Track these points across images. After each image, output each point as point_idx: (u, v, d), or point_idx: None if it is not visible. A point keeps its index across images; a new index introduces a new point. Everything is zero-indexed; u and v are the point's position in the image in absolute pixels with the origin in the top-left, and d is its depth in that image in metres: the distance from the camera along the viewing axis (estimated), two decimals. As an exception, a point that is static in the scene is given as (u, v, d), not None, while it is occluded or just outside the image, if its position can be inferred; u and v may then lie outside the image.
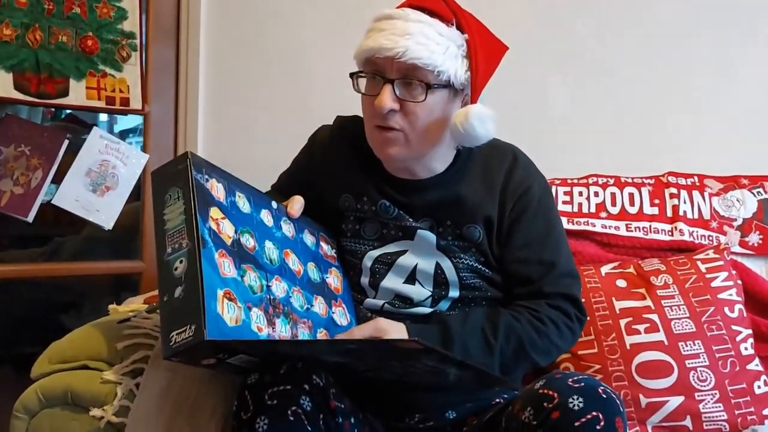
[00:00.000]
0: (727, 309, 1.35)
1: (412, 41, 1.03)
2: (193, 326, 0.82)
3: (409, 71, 1.05)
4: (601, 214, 1.57)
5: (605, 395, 0.90)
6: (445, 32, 1.06)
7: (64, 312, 2.15)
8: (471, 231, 1.14)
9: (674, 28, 1.74)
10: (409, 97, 1.06)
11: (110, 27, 1.65)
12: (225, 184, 1.03)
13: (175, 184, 0.96)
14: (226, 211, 0.99)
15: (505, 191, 1.15)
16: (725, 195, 1.58)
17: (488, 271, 1.16)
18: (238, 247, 0.97)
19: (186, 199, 0.94)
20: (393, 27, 1.05)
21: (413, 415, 1.13)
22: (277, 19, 1.90)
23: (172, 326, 0.85)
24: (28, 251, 2.07)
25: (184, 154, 1.00)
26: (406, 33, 1.04)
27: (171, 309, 0.87)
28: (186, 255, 0.89)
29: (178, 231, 0.92)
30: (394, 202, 1.16)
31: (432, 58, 1.03)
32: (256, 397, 0.93)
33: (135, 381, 1.12)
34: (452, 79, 1.06)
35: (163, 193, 0.97)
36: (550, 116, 1.79)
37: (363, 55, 1.08)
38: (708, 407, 1.26)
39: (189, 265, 0.88)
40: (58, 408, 1.15)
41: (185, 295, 0.86)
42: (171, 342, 0.84)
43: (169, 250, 0.91)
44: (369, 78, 1.10)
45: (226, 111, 1.93)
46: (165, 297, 0.88)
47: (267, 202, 1.11)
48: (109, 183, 1.66)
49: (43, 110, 1.99)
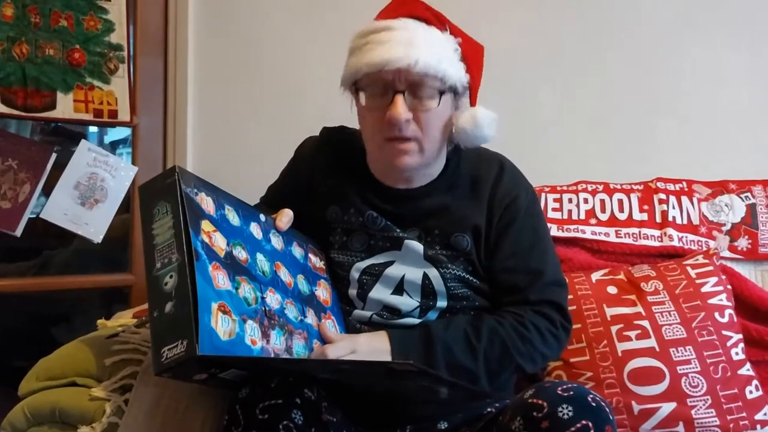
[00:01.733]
0: (718, 314, 1.35)
1: (421, 50, 1.03)
2: (185, 341, 0.82)
3: (418, 81, 1.05)
4: (590, 221, 1.57)
5: (595, 404, 0.90)
6: (443, 38, 1.07)
7: (54, 325, 2.14)
8: (459, 240, 1.14)
9: (663, 34, 1.75)
10: (421, 106, 1.07)
11: (97, 39, 1.65)
12: (214, 197, 1.02)
13: (164, 199, 0.96)
14: (216, 224, 0.99)
15: (492, 201, 1.15)
16: (714, 200, 1.58)
17: (476, 280, 1.15)
18: (231, 260, 0.97)
19: (175, 213, 0.93)
20: (396, 37, 1.04)
21: (405, 427, 1.12)
22: (266, 30, 1.90)
23: (163, 342, 0.84)
24: (17, 265, 2.06)
25: (171, 168, 0.99)
26: (412, 42, 1.04)
27: (162, 324, 0.86)
28: (176, 269, 0.88)
29: (167, 246, 0.91)
30: (381, 213, 1.16)
31: (441, 65, 1.04)
32: (247, 411, 0.92)
33: (124, 397, 1.11)
34: (456, 83, 1.07)
35: (151, 207, 0.96)
36: (539, 123, 1.79)
37: (365, 70, 1.06)
38: (700, 413, 1.26)
39: (180, 279, 0.87)
40: (46, 426, 1.14)
41: (176, 310, 0.85)
42: (162, 358, 0.82)
43: (158, 265, 0.90)
44: (374, 92, 1.08)
45: (215, 122, 1.92)
46: (155, 312, 0.87)
47: (255, 215, 1.10)
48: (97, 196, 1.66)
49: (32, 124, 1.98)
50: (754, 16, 1.72)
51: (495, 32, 1.79)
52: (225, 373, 0.91)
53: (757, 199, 1.57)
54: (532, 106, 1.79)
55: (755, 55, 1.72)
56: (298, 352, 0.99)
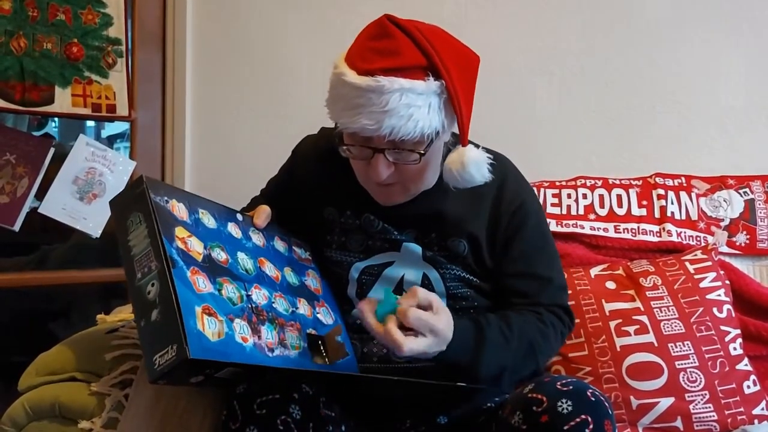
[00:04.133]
0: (716, 309, 1.36)
1: (395, 118, 0.96)
2: (175, 346, 0.82)
3: (397, 142, 1.01)
4: (589, 216, 1.57)
5: (594, 398, 0.91)
6: (423, 89, 0.98)
7: (52, 320, 2.14)
8: (456, 244, 1.13)
9: (661, 30, 1.75)
10: (402, 160, 1.03)
11: (95, 33, 1.64)
12: (186, 203, 1.02)
13: (135, 209, 0.96)
14: (191, 228, 0.99)
15: (498, 207, 1.14)
16: (712, 195, 1.59)
17: (476, 279, 1.15)
18: (210, 262, 0.97)
19: (148, 222, 0.94)
20: (369, 103, 0.97)
21: (404, 421, 1.12)
22: (264, 24, 1.89)
23: (154, 349, 0.84)
24: (16, 260, 2.05)
25: (139, 178, 0.99)
26: (385, 109, 0.96)
27: (150, 333, 0.87)
28: (156, 277, 0.89)
29: (145, 255, 0.92)
30: (378, 215, 1.15)
31: (418, 127, 0.98)
32: (245, 406, 0.92)
33: (124, 392, 1.11)
34: (439, 129, 1.01)
35: (124, 219, 0.97)
36: (538, 118, 1.79)
37: (344, 130, 1.03)
38: (698, 408, 1.26)
39: (161, 286, 0.88)
40: (46, 421, 1.14)
41: (162, 317, 0.86)
42: (155, 365, 0.83)
43: (139, 275, 0.91)
44: (355, 141, 1.04)
45: (213, 117, 1.92)
46: (142, 322, 0.88)
47: (232, 215, 1.11)
48: (96, 190, 1.65)
49: (29, 118, 1.97)
50: (752, 11, 1.71)
51: (493, 27, 1.80)
52: (221, 372, 0.92)
53: (756, 194, 1.57)
54: (530, 101, 1.79)
55: (754, 50, 1.72)
56: (292, 344, 0.99)
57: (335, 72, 1.02)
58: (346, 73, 0.99)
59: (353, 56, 1.01)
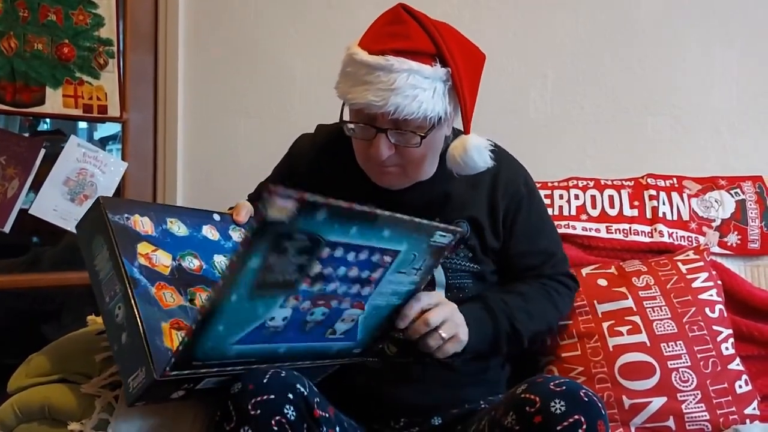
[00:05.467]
0: (708, 309, 1.36)
1: (400, 96, 1.02)
2: (143, 368, 0.83)
3: (400, 122, 1.05)
4: (581, 217, 1.57)
5: (587, 398, 0.91)
6: (430, 73, 1.04)
7: (43, 322, 2.12)
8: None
9: (654, 31, 1.75)
10: (404, 142, 1.08)
11: (87, 34, 1.64)
12: (152, 215, 1.01)
13: (97, 233, 0.96)
14: (157, 241, 0.98)
15: (495, 191, 1.19)
16: (704, 196, 1.59)
17: (476, 266, 1.18)
18: (180, 273, 0.97)
19: (108, 245, 0.94)
20: (378, 80, 1.02)
21: (399, 420, 1.12)
22: (256, 25, 1.89)
23: (127, 373, 0.86)
24: (6, 261, 2.04)
25: (96, 200, 0.99)
26: (392, 87, 1.02)
27: (122, 357, 0.88)
28: (122, 300, 0.90)
29: (110, 279, 0.92)
30: (380, 204, 1.16)
31: (422, 108, 1.03)
32: (239, 407, 0.91)
33: (114, 393, 1.10)
34: (442, 116, 1.06)
35: (89, 244, 0.97)
36: (531, 119, 1.80)
37: (350, 106, 1.08)
38: (690, 407, 1.27)
39: (126, 308, 0.89)
40: (36, 422, 1.13)
41: (130, 340, 0.87)
42: (129, 389, 0.85)
43: (107, 299, 0.92)
44: (360, 119, 1.08)
45: (205, 117, 1.91)
46: (115, 346, 0.89)
47: (207, 217, 1.09)
48: (87, 191, 1.65)
49: (21, 119, 1.96)
50: (745, 13, 1.72)
51: (486, 29, 1.80)
52: (201, 384, 0.91)
53: (747, 195, 1.58)
54: (523, 102, 1.80)
55: (746, 52, 1.73)
56: None
57: (348, 53, 1.07)
58: (358, 53, 1.05)
59: (366, 39, 1.07)
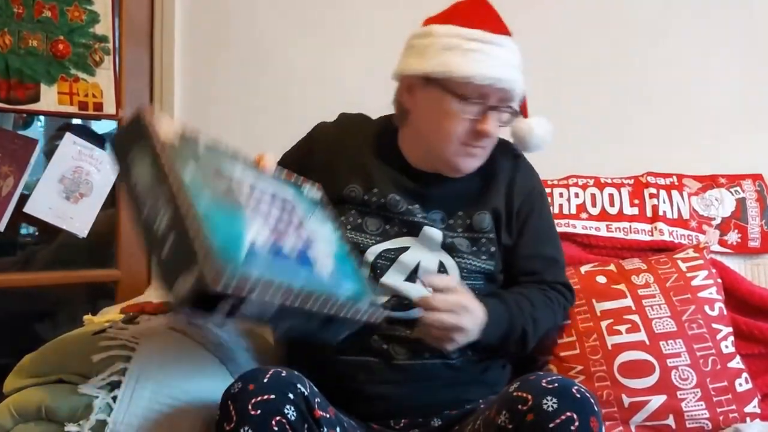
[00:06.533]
0: (708, 307, 1.36)
1: (516, 73, 1.11)
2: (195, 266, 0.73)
3: (504, 99, 1.10)
4: (581, 215, 1.57)
5: (579, 395, 0.90)
6: (517, 52, 1.13)
7: (38, 322, 2.11)
8: (481, 218, 1.18)
9: (651, 28, 1.75)
10: (500, 120, 1.13)
11: (82, 31, 1.62)
12: None
13: (136, 145, 0.85)
14: None
15: (511, 188, 1.21)
16: (704, 194, 1.59)
17: (490, 266, 1.19)
18: None
19: (151, 149, 0.84)
20: (495, 55, 1.09)
21: (399, 421, 1.12)
22: (253, 21, 1.88)
23: (173, 277, 0.75)
24: (1, 260, 2.03)
25: (135, 112, 0.89)
26: (509, 63, 1.10)
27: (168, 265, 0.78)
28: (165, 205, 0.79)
29: (150, 187, 0.82)
30: (405, 195, 1.17)
31: (521, 88, 1.11)
32: (239, 407, 0.91)
33: (112, 394, 1.09)
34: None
35: (125, 159, 0.87)
36: (530, 117, 1.79)
37: (476, 80, 1.07)
38: (690, 406, 1.26)
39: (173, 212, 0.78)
40: (32, 424, 1.11)
41: (179, 239, 0.76)
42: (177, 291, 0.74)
43: (144, 211, 0.81)
44: (467, 97, 1.09)
45: (202, 114, 1.90)
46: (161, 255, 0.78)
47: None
48: (83, 190, 1.63)
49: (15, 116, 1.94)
50: (744, 10, 1.72)
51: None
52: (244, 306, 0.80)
53: (747, 193, 1.58)
54: (522, 100, 1.79)
55: (746, 50, 1.72)
56: None
57: (454, 31, 1.09)
58: (468, 29, 1.10)
59: (459, 18, 1.11)
